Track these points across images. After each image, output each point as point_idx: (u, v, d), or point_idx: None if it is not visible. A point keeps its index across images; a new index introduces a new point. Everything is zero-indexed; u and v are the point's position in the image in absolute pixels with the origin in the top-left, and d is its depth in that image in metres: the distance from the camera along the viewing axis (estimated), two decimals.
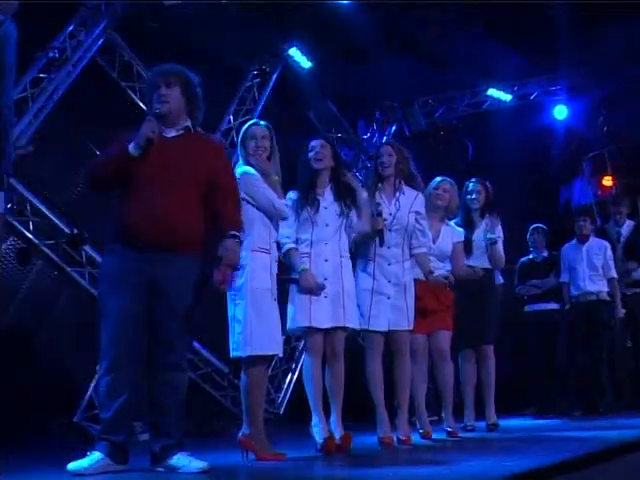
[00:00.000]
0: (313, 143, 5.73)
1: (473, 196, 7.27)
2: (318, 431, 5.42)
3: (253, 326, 5.09)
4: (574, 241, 9.10)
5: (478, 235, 7.17)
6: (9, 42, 3.75)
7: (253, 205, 5.22)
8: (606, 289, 8.89)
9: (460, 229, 7.07)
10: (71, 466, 4.35)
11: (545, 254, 9.14)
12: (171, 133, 4.67)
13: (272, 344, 5.17)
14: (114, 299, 4.49)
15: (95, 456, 4.42)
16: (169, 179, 4.47)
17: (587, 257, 8.92)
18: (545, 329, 9.02)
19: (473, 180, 7.34)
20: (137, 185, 4.46)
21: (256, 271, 5.16)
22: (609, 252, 8.95)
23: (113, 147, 4.58)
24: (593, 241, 9.03)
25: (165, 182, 4.45)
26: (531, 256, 9.11)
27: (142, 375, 4.52)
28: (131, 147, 4.44)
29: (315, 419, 5.46)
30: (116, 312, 4.47)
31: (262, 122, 5.49)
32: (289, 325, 5.56)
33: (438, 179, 6.86)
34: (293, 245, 5.56)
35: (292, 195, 5.69)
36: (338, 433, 5.48)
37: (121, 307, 4.46)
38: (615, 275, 8.89)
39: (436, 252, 6.61)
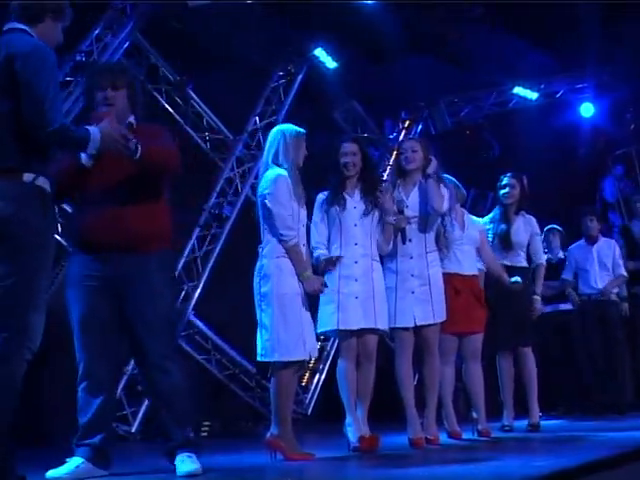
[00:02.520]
0: (344, 148, 5.74)
1: (506, 190, 7.20)
2: (352, 431, 5.43)
3: (280, 333, 5.10)
4: (582, 242, 9.04)
5: (514, 232, 7.14)
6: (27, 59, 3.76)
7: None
8: (615, 289, 8.87)
9: (478, 219, 7.07)
10: (50, 474, 4.22)
11: (561, 255, 9.08)
12: None
13: (299, 349, 5.14)
14: (78, 305, 4.46)
15: (75, 462, 4.32)
16: (117, 179, 4.39)
17: (598, 257, 8.87)
18: (563, 329, 9.01)
19: (508, 174, 7.27)
20: (88, 191, 4.43)
21: (282, 277, 5.16)
22: (618, 251, 8.91)
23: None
24: (602, 241, 8.98)
25: (113, 182, 4.39)
26: (547, 257, 9.06)
27: (117, 378, 4.54)
28: (83, 158, 4.40)
29: (349, 419, 5.47)
30: (81, 318, 4.44)
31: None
32: (319, 327, 5.56)
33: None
34: (322, 251, 5.58)
35: (322, 196, 5.73)
36: (366, 434, 5.49)
37: (85, 313, 4.43)
38: (625, 273, 8.85)
39: (467, 241, 6.59)
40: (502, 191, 7.23)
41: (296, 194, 5.28)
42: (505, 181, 7.23)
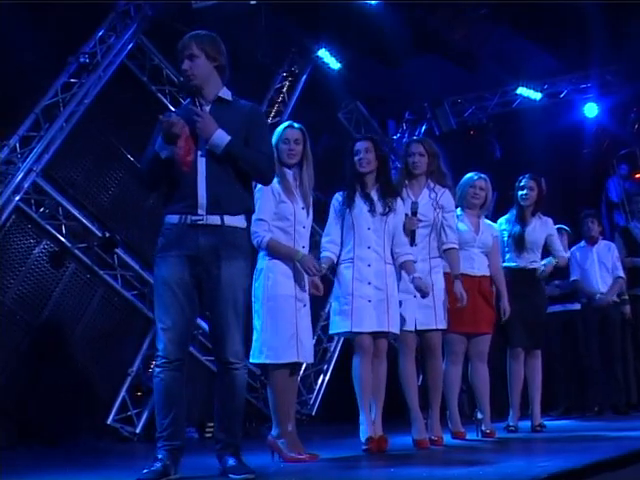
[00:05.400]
0: (358, 146, 5.71)
1: (525, 192, 7.16)
2: (362, 430, 5.43)
3: (267, 334, 5.10)
4: (583, 243, 9.09)
5: (529, 232, 7.12)
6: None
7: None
8: (615, 294, 8.90)
9: (496, 224, 7.06)
10: None
11: (568, 255, 9.07)
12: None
13: (290, 351, 5.12)
14: None
15: None
16: None
17: (598, 259, 8.90)
18: (569, 329, 9.01)
19: (526, 175, 7.23)
20: None
21: (274, 278, 5.16)
22: (616, 253, 8.97)
23: None
24: (601, 242, 9.03)
25: None
26: None
27: None
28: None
29: (361, 417, 5.46)
30: None
31: (296, 125, 5.41)
32: (331, 329, 5.61)
33: (473, 176, 6.75)
34: (328, 253, 5.58)
35: (339, 197, 5.70)
36: (377, 433, 5.48)
37: None
38: (623, 274, 8.87)
39: (479, 244, 6.60)
40: (520, 192, 7.19)
41: (290, 194, 5.26)
42: (524, 182, 7.19)
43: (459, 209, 6.69)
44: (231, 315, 4.21)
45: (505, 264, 7.06)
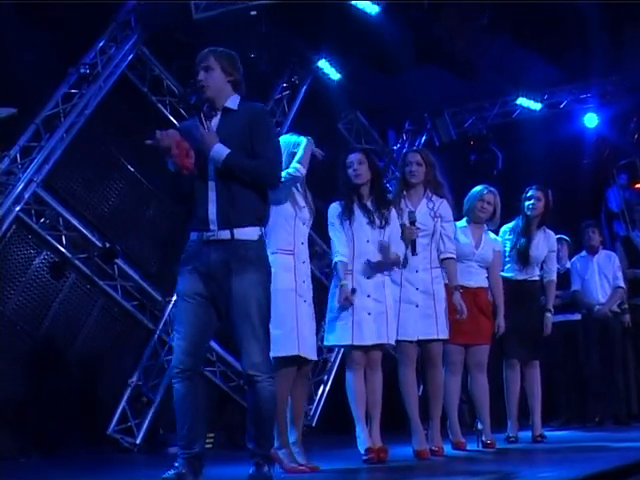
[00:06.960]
0: (351, 158, 5.72)
1: (532, 202, 7.14)
2: (360, 442, 5.41)
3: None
4: (584, 253, 9.11)
5: (533, 248, 7.10)
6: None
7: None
8: (615, 304, 8.90)
9: (499, 238, 7.03)
10: None
11: (568, 265, 9.08)
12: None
13: (289, 344, 5.10)
14: None
15: None
16: None
17: (599, 269, 8.91)
18: (570, 340, 9.00)
19: (533, 186, 7.21)
20: None
21: (273, 272, 5.13)
22: (617, 262, 8.98)
23: None
24: (602, 252, 9.04)
25: None
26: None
27: None
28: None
29: (358, 429, 5.46)
30: None
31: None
32: (330, 341, 5.59)
33: (483, 190, 6.71)
34: (342, 258, 5.54)
35: (337, 207, 5.70)
36: (376, 444, 5.46)
37: None
38: (623, 285, 8.87)
39: (478, 258, 6.60)
40: (527, 203, 7.16)
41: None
42: (531, 193, 7.17)
43: (464, 220, 6.69)
44: (245, 328, 4.23)
45: (504, 274, 7.05)
